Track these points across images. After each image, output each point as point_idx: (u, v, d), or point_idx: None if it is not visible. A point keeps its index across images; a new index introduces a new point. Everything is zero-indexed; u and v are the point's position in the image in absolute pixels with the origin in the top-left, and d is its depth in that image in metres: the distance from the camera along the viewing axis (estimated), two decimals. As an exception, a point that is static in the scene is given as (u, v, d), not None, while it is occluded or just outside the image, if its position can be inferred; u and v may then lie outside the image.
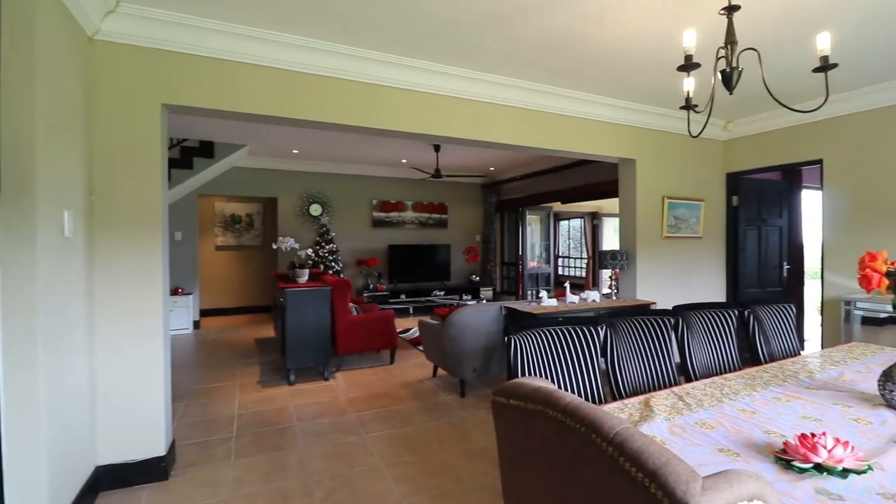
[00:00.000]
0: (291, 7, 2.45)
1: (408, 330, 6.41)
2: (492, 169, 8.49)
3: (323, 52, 2.88)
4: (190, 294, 6.59)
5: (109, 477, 2.38)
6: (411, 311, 7.94)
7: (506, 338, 1.84)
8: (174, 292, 6.33)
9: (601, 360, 2.08)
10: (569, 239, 12.09)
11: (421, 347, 5.34)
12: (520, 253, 8.85)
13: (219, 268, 7.95)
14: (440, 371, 4.39)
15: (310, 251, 5.53)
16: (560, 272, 11.57)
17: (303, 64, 2.86)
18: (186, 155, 5.91)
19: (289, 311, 4.12)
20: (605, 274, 5.08)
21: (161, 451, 2.49)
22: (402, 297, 7.92)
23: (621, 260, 4.26)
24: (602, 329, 2.10)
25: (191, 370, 4.66)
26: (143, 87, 2.53)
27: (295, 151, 6.90)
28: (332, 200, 7.90)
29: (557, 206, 8.98)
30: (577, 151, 4.05)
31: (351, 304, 4.69)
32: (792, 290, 5.19)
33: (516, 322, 3.11)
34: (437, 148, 6.53)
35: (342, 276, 7.30)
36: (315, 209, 7.74)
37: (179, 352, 5.36)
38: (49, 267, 1.89)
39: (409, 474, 2.57)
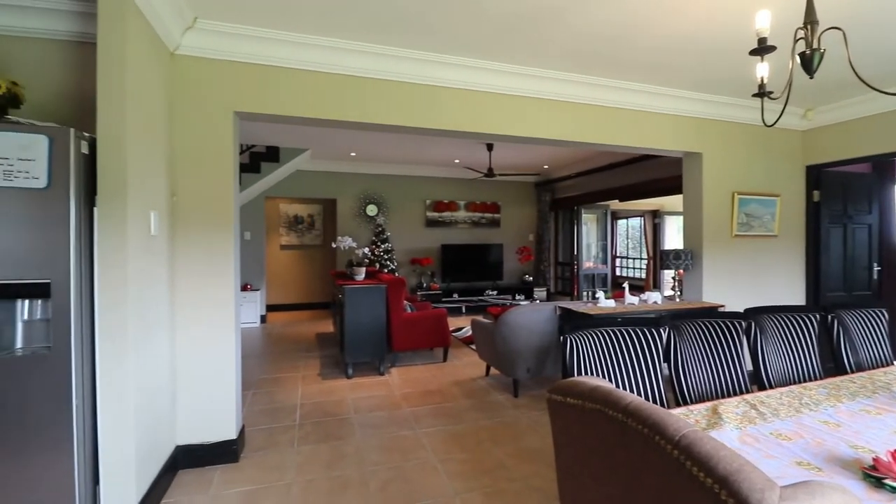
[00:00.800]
0: (353, 15, 2.54)
1: (460, 329, 6.44)
2: (546, 167, 8.34)
3: (383, 56, 2.96)
4: (257, 290, 7.02)
5: (187, 457, 2.59)
6: (463, 310, 7.97)
7: (561, 337, 1.81)
8: (243, 288, 6.76)
9: (663, 363, 1.99)
10: (627, 238, 11.62)
11: (473, 346, 5.35)
12: (575, 253, 8.63)
13: (283, 266, 8.40)
14: (493, 370, 4.38)
15: (366, 250, 5.71)
16: (618, 273, 11.15)
17: (364, 69, 2.96)
18: (255, 160, 6.30)
19: (347, 307, 4.28)
20: (668, 275, 4.84)
21: (232, 434, 2.68)
22: (455, 296, 7.97)
23: (686, 260, 4.04)
24: (665, 331, 2.01)
25: (258, 361, 4.96)
26: (216, 97, 2.72)
27: (353, 154, 7.14)
28: (387, 201, 8.10)
29: (615, 205, 8.66)
30: (637, 146, 3.89)
31: (405, 302, 4.79)
32: (884, 294, 4.68)
33: (572, 322, 3.04)
34: (489, 147, 6.51)
35: (396, 274, 7.46)
36: (371, 209, 7.98)
37: (248, 344, 5.72)
38: (138, 263, 2.10)
39: (462, 471, 2.59)
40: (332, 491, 2.39)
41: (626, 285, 4.00)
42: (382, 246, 7.53)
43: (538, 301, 7.85)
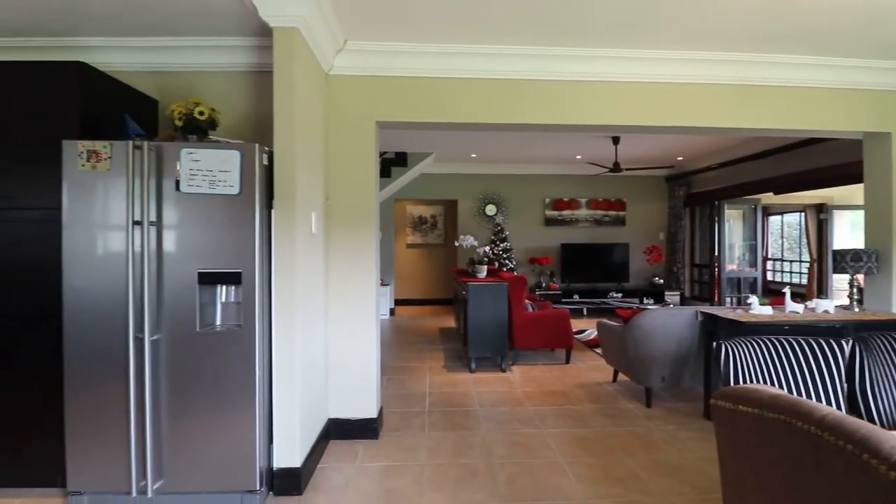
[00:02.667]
0: (485, 19, 2.62)
1: (583, 331, 6.20)
2: (680, 158, 7.60)
3: (515, 56, 2.99)
4: (388, 285, 7.60)
5: (337, 429, 2.92)
6: (585, 312, 7.66)
7: (714, 343, 1.65)
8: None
9: (845, 381, 1.70)
10: (781, 238, 10.01)
11: (598, 350, 5.12)
12: (715, 253, 7.71)
13: (409, 263, 8.97)
14: (621, 376, 4.14)
15: (487, 248, 5.83)
16: (769, 277, 9.69)
17: (495, 70, 3.02)
18: (386, 165, 6.83)
19: (470, 303, 4.41)
20: (839, 280, 4.07)
21: (373, 414, 2.95)
22: (576, 297, 7.70)
23: (868, 262, 3.36)
24: (848, 345, 1.71)
25: (389, 350, 5.38)
26: (361, 109, 3.02)
27: (473, 155, 7.33)
28: (505, 200, 8.15)
29: (767, 198, 7.53)
30: (797, 129, 3.34)
31: (526, 301, 4.78)
32: None
33: (722, 329, 2.76)
34: (615, 140, 6.16)
35: (515, 273, 7.46)
36: (490, 209, 8.10)
37: (381, 334, 6.23)
38: (303, 257, 2.43)
39: (591, 476, 2.51)
40: (460, 477, 2.50)
41: (787, 291, 3.46)
42: (501, 245, 7.59)
43: (671, 306, 7.19)
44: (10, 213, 2.24)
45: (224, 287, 2.28)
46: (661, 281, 8.09)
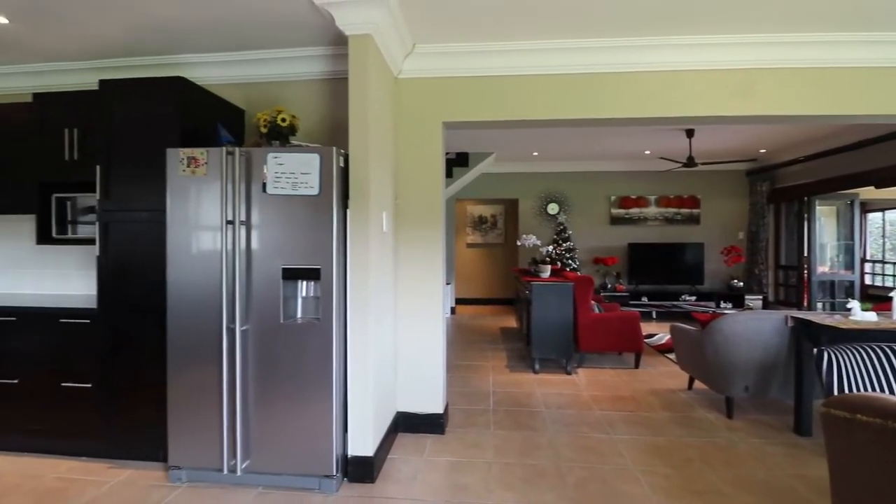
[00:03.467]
0: (552, 14, 2.58)
1: (652, 335, 5.92)
2: (762, 151, 7.02)
3: (584, 49, 2.91)
4: (449, 284, 7.69)
5: (405, 422, 3.01)
6: (654, 315, 7.29)
7: (815, 350, 1.51)
8: (435, 282, 7.50)
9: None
10: (883, 237, 8.94)
11: (671, 356, 4.87)
12: (805, 254, 7.04)
13: (469, 263, 9.01)
14: (698, 384, 3.91)
15: (550, 248, 5.71)
16: (868, 281, 8.68)
17: (563, 65, 2.96)
18: (448, 165, 6.89)
19: (534, 303, 4.36)
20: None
21: (439, 409, 3.00)
22: (644, 299, 7.35)
23: None
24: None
25: (452, 348, 5.44)
26: (428, 111, 3.08)
27: (535, 154, 7.22)
28: (568, 199, 7.96)
29: (866, 193, 6.75)
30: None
31: (592, 302, 4.64)
32: None
33: (819, 337, 2.52)
34: (689, 133, 5.81)
35: (579, 273, 7.27)
36: (552, 208, 7.94)
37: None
38: (376, 254, 2.52)
39: (668, 487, 2.39)
40: (528, 477, 2.48)
41: (894, 295, 3.09)
42: (564, 244, 7.41)
43: (753, 310, 6.65)
44: (125, 214, 2.52)
45: (304, 282, 2.43)
46: (741, 283, 7.52)
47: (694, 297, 7.31)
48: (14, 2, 2.40)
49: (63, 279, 3.27)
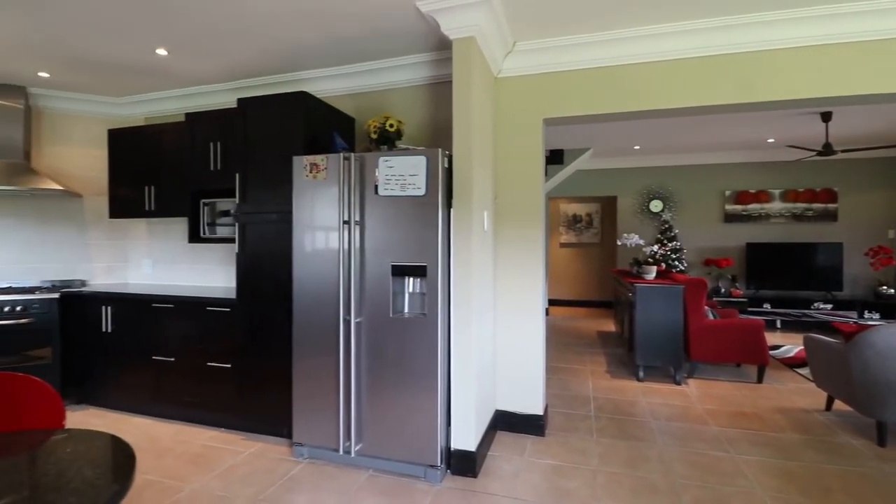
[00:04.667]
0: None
1: (777, 346, 5.26)
2: (925, 134, 5.88)
3: (692, 32, 2.70)
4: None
5: (504, 421, 3.01)
6: (778, 324, 6.47)
7: None
8: (527, 282, 7.38)
9: None
10: None
11: (802, 371, 4.31)
12: None
13: (562, 263, 8.75)
14: (838, 404, 3.40)
15: (655, 248, 5.33)
16: None
17: (673, 50, 2.76)
18: (540, 163, 6.77)
19: (638, 307, 4.10)
20: None
21: (539, 410, 2.96)
22: (766, 306, 6.55)
23: None
24: None
25: (547, 349, 5.24)
26: (528, 108, 3.05)
27: (636, 147, 6.80)
28: (674, 195, 7.37)
29: None
30: None
31: (706, 308, 4.24)
32: None
33: None
34: (825, 116, 5.07)
35: (689, 276, 6.69)
36: (655, 205, 7.41)
37: (533, 333, 6.22)
38: (477, 253, 2.56)
39: (807, 517, 2.11)
40: (637, 490, 2.34)
41: None
42: (669, 244, 6.88)
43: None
44: (258, 216, 2.85)
45: (411, 279, 2.54)
46: (893, 291, 6.37)
47: (830, 306, 6.35)
48: (173, 37, 2.83)
49: (207, 273, 3.79)
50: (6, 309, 3.18)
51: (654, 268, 4.56)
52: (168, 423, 3.16)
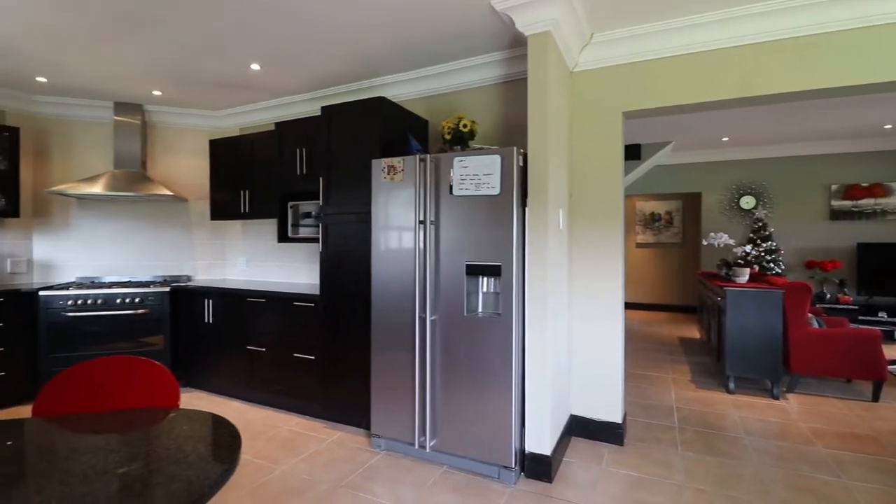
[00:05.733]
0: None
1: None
2: None
3: (790, 10, 2.44)
4: (614, 287, 7.21)
5: (579, 426, 2.91)
6: (899, 336, 5.66)
7: None
8: (601, 284, 7.09)
9: None
10: None
11: (933, 389, 3.74)
12: None
13: (639, 264, 8.31)
14: (984, 432, 2.90)
15: (748, 248, 4.88)
16: None
17: (771, 31, 2.52)
18: (615, 159, 6.48)
19: (729, 312, 3.79)
20: None
21: (617, 418, 2.83)
22: (882, 315, 5.76)
23: None
24: None
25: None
26: (606, 102, 2.93)
27: (725, 139, 6.28)
28: (768, 190, 6.70)
29: None
30: None
31: (809, 315, 3.82)
32: None
33: None
34: (966, 97, 4.34)
35: (787, 279, 6.07)
36: (747, 202, 6.79)
37: (607, 337, 5.96)
38: (552, 252, 2.50)
39: (944, 560, 1.82)
40: (730, 510, 2.16)
41: None
42: (763, 245, 6.28)
43: None
44: (339, 217, 3.00)
45: (485, 278, 2.54)
46: None
47: (969, 317, 5.44)
48: (265, 53, 3.06)
49: (293, 270, 4.06)
50: (127, 300, 3.63)
51: (747, 270, 4.18)
52: (259, 408, 3.43)
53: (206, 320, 3.67)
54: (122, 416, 1.46)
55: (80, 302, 3.52)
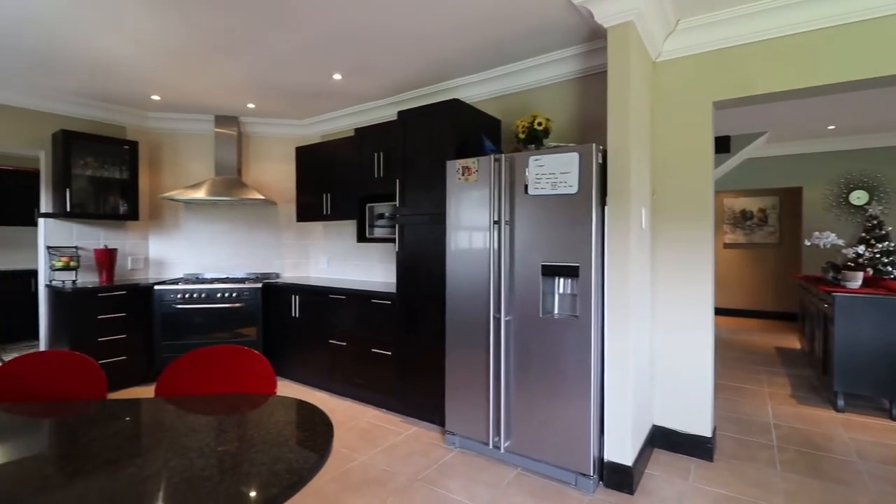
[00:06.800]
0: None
1: None
2: None
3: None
4: (697, 290, 6.72)
5: (662, 438, 2.76)
6: None
7: None
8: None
9: None
10: None
11: None
12: None
13: (727, 266, 7.68)
14: None
15: (860, 249, 4.32)
16: None
17: (888, 4, 2.22)
18: (700, 153, 6.03)
19: (837, 321, 3.38)
20: None
21: (706, 431, 2.64)
22: None
23: None
24: None
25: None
26: (692, 92, 2.74)
27: (831, 127, 5.61)
28: (884, 184, 5.89)
29: None
30: None
31: (943, 326, 3.30)
32: None
33: None
34: None
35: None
36: (858, 197, 6.02)
37: (691, 344, 5.56)
38: (635, 253, 2.39)
39: None
40: (843, 542, 1.93)
41: None
42: (879, 245, 5.53)
43: None
44: (414, 218, 3.09)
45: (561, 279, 2.49)
46: None
47: None
48: (347, 63, 3.22)
49: (369, 269, 4.25)
50: (225, 295, 3.99)
51: (860, 274, 3.71)
52: (340, 399, 3.62)
53: (293, 315, 3.94)
54: (229, 399, 1.62)
55: (187, 296, 3.93)
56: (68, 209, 3.81)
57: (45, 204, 3.94)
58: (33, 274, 5.50)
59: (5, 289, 5.39)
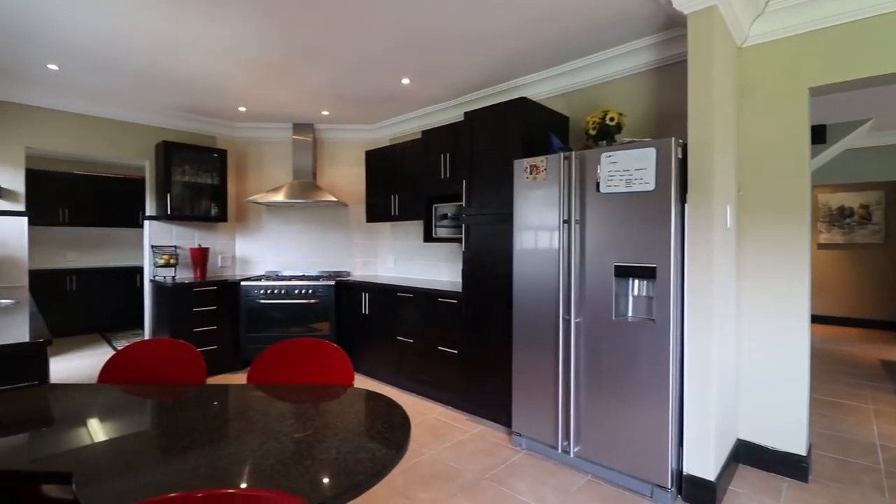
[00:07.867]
0: None
1: None
2: None
3: None
4: (787, 294, 6.14)
5: (748, 453, 2.56)
6: None
7: None
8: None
9: None
10: None
11: None
12: None
13: (822, 269, 6.95)
14: None
15: None
16: None
17: None
18: (791, 145, 5.51)
19: (965, 331, 2.95)
20: None
21: (801, 450, 2.41)
22: None
23: None
24: None
25: (798, 375, 4.31)
26: (785, 78, 2.51)
27: (956, 111, 4.89)
28: None
29: None
30: None
31: None
32: None
33: None
34: None
35: None
36: None
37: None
38: (718, 254, 2.24)
39: None
40: (975, 586, 1.69)
41: None
42: None
43: None
44: (480, 217, 3.10)
45: (635, 280, 2.39)
46: None
47: None
48: (415, 68, 3.30)
49: (435, 268, 4.33)
50: (302, 291, 4.24)
51: None
52: (407, 395, 3.72)
53: (363, 311, 4.11)
54: (313, 389, 1.72)
55: (268, 291, 4.23)
56: (169, 212, 4.24)
57: (150, 207, 4.41)
58: (136, 270, 6.18)
59: (113, 283, 6.10)
